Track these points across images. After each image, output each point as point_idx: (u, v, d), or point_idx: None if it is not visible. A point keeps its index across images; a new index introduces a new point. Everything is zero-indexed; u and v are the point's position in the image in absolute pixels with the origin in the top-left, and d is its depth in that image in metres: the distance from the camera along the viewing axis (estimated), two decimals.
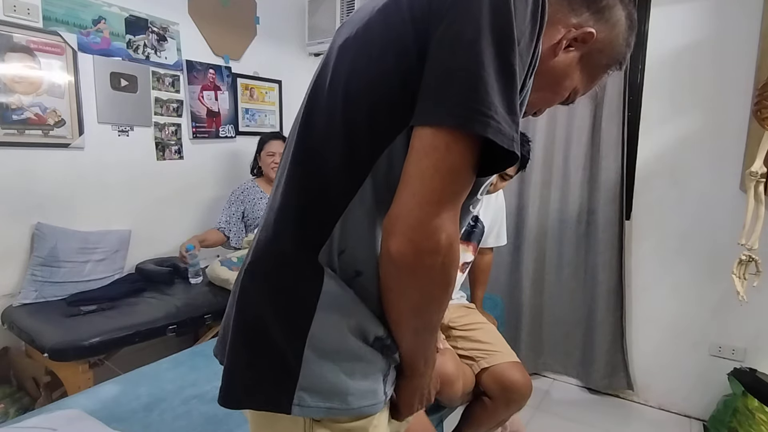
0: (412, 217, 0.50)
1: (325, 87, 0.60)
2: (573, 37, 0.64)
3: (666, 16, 2.04)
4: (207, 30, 2.62)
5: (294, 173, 0.61)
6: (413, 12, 0.54)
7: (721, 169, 1.98)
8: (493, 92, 0.49)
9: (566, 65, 0.66)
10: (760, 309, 1.92)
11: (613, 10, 0.66)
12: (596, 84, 0.72)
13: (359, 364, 0.60)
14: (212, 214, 2.74)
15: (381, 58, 0.56)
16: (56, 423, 1.04)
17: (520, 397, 1.39)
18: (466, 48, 0.49)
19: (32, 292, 1.96)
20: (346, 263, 0.58)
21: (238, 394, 0.61)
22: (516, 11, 0.50)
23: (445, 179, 0.49)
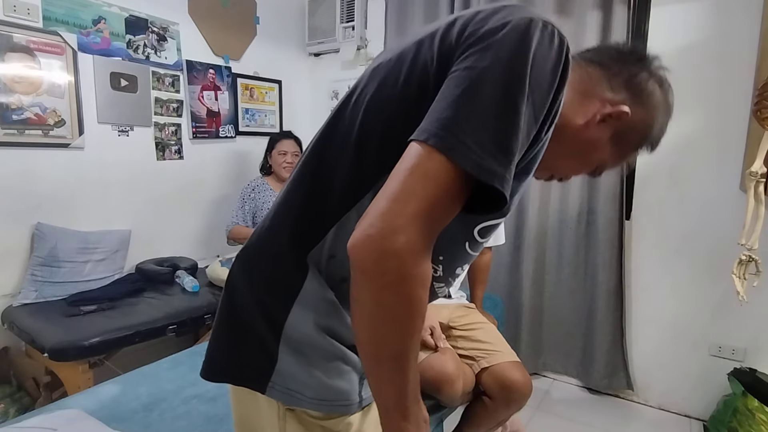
0: (376, 212, 0.48)
1: (350, 103, 0.62)
2: (608, 113, 0.65)
3: (666, 16, 2.04)
4: (207, 30, 2.62)
5: (303, 175, 0.64)
6: (442, 46, 0.55)
7: (721, 169, 1.98)
8: (485, 129, 0.48)
9: (597, 138, 0.67)
10: (760, 309, 1.91)
11: (653, 96, 0.69)
12: (624, 161, 0.74)
13: (334, 362, 0.62)
14: (212, 213, 2.74)
15: (405, 84, 0.57)
16: (56, 423, 1.04)
17: (521, 397, 1.39)
18: (473, 82, 0.50)
19: (32, 292, 1.96)
20: (335, 269, 0.61)
21: (220, 369, 0.66)
22: (534, 62, 0.50)
23: (420, 182, 0.48)
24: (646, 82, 0.68)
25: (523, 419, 1.87)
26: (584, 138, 0.67)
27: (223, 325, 0.67)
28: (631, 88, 0.67)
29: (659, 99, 0.70)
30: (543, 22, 0.53)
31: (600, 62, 0.68)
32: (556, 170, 0.73)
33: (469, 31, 0.54)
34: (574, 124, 0.65)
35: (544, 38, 0.52)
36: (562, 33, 0.54)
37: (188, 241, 2.62)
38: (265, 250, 0.65)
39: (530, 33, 0.51)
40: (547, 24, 0.53)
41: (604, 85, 0.67)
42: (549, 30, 0.53)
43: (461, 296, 1.75)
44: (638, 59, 0.69)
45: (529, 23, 0.51)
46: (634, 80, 0.67)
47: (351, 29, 2.92)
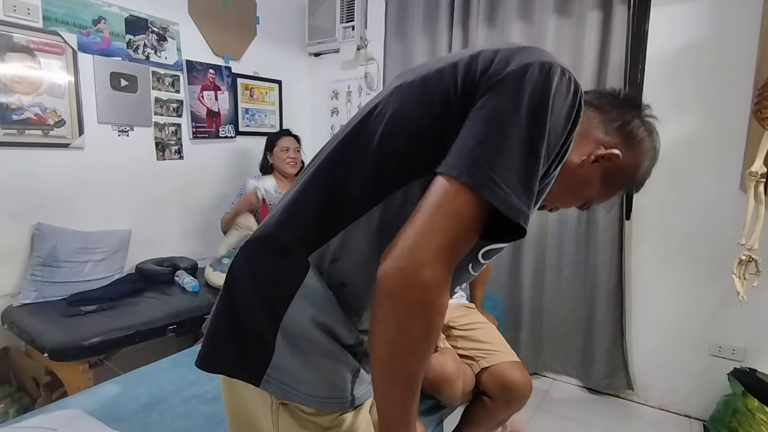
0: (405, 245, 0.52)
1: (372, 116, 0.66)
2: (601, 154, 0.72)
3: (666, 16, 2.04)
4: (207, 30, 2.62)
5: (320, 177, 0.66)
6: (465, 77, 0.60)
7: (721, 169, 1.98)
8: (512, 168, 0.53)
9: (589, 176, 0.74)
10: (760, 309, 1.91)
11: (642, 142, 0.75)
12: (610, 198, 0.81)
13: (328, 359, 0.64)
14: (212, 213, 2.74)
15: (427, 107, 0.61)
16: (56, 423, 1.04)
17: (521, 397, 1.39)
18: (500, 123, 0.54)
19: (32, 292, 1.96)
20: (336, 272, 0.64)
21: (216, 360, 0.67)
22: (553, 106, 0.56)
23: (445, 219, 0.52)
24: (637, 129, 0.75)
25: (523, 419, 1.87)
26: (578, 175, 0.72)
27: (221, 317, 0.68)
28: (624, 134, 0.73)
29: (648, 145, 0.76)
30: (561, 68, 0.58)
31: (598, 106, 0.74)
32: (549, 202, 0.77)
33: (494, 69, 0.58)
34: (571, 161, 0.70)
35: (562, 85, 0.57)
36: (576, 79, 0.60)
37: (188, 241, 2.62)
38: (269, 244, 0.66)
39: (551, 79, 0.56)
40: (565, 71, 0.58)
41: (600, 129, 0.73)
42: (567, 77, 0.58)
43: (461, 296, 1.76)
44: (633, 106, 0.76)
45: (549, 69, 0.56)
46: (628, 127, 0.74)
47: (351, 29, 2.92)
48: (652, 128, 0.77)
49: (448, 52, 2.56)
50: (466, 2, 2.49)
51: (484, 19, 2.41)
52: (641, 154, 0.76)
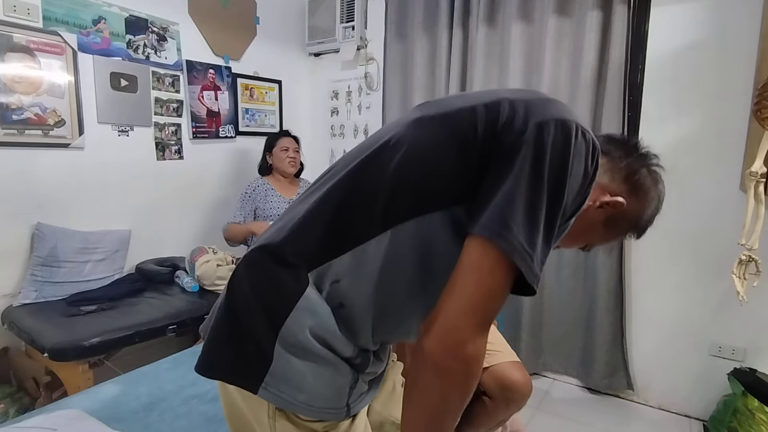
0: (448, 323, 0.57)
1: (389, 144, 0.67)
2: (606, 201, 0.74)
3: (666, 16, 2.04)
4: (207, 30, 2.62)
5: (332, 197, 0.67)
6: (486, 127, 0.62)
7: (721, 169, 1.98)
8: (539, 237, 0.58)
9: (593, 221, 0.76)
10: (760, 309, 1.91)
11: (649, 192, 0.77)
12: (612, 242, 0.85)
13: (326, 369, 0.64)
14: (212, 213, 2.75)
15: (445, 143, 0.64)
16: (56, 423, 1.04)
17: (521, 397, 1.39)
18: (526, 189, 0.57)
19: (32, 292, 1.96)
20: (336, 293, 0.64)
21: (215, 366, 0.68)
22: (572, 169, 0.59)
23: (484, 298, 0.57)
24: (644, 178, 0.77)
25: (523, 419, 1.87)
26: (582, 219, 0.72)
27: (221, 324, 0.68)
28: (630, 182, 0.76)
29: (652, 195, 0.78)
30: (577, 127, 0.60)
31: (607, 152, 0.76)
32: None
33: (514, 125, 0.60)
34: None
35: (581, 146, 0.60)
36: (593, 137, 0.63)
37: (188, 241, 2.62)
38: (272, 255, 0.66)
39: (569, 142, 0.59)
40: (582, 130, 0.61)
41: (608, 175, 0.75)
42: (584, 136, 0.61)
43: None
44: (641, 155, 0.78)
45: (568, 130, 0.59)
46: (634, 177, 0.76)
47: (351, 29, 2.92)
48: (658, 178, 0.79)
49: (448, 52, 2.56)
50: (466, 2, 2.49)
51: (484, 19, 2.41)
52: (646, 203, 0.77)
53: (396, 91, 2.81)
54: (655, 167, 0.79)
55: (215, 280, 2.22)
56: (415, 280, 0.65)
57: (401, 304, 0.67)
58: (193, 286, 2.23)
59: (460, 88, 2.55)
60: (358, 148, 0.73)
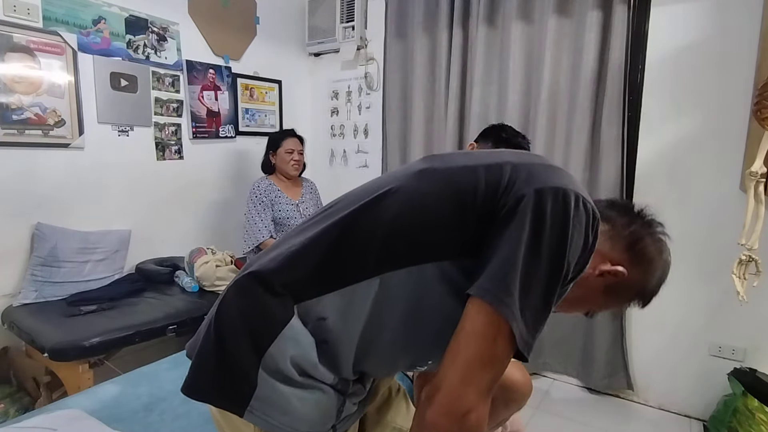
0: (451, 393, 0.57)
1: (391, 191, 0.69)
2: (606, 269, 0.72)
3: (666, 16, 2.04)
4: (207, 30, 2.62)
5: (330, 233, 0.68)
6: (486, 190, 0.63)
7: (721, 169, 1.97)
8: (536, 306, 0.58)
9: (593, 289, 0.74)
10: (760, 309, 1.91)
11: (652, 262, 0.75)
12: (614, 309, 0.82)
13: (312, 393, 0.66)
14: (212, 214, 2.75)
15: (444, 200, 0.65)
16: (56, 423, 1.04)
17: (521, 397, 1.39)
18: (526, 258, 0.57)
19: (32, 292, 1.96)
20: (321, 329, 0.65)
21: (201, 389, 0.68)
22: (572, 239, 0.59)
23: (487, 366, 0.57)
24: (647, 247, 0.75)
25: (523, 419, 1.87)
26: (579, 287, 0.70)
27: (207, 347, 0.69)
28: (633, 251, 0.74)
29: (657, 265, 0.76)
30: (576, 195, 0.61)
31: (609, 218, 0.75)
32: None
33: (513, 190, 0.61)
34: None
35: (580, 215, 0.60)
36: (592, 205, 0.63)
37: (188, 241, 2.62)
38: (262, 283, 0.67)
39: (569, 212, 0.59)
40: (581, 198, 0.61)
41: (609, 243, 0.73)
42: (587, 208, 0.61)
43: None
44: (644, 223, 0.77)
45: (566, 200, 0.59)
46: (637, 246, 0.74)
47: (351, 29, 2.92)
48: (663, 247, 0.78)
49: (448, 52, 2.56)
50: (466, 2, 2.49)
51: (484, 19, 2.41)
52: (649, 273, 0.76)
53: (396, 91, 2.81)
54: (660, 235, 0.78)
55: (215, 280, 2.22)
56: (403, 328, 0.66)
57: (386, 348, 0.68)
58: (192, 286, 2.23)
59: (460, 88, 2.55)
60: (362, 190, 0.74)
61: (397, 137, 2.83)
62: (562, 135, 2.28)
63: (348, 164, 3.18)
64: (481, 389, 0.57)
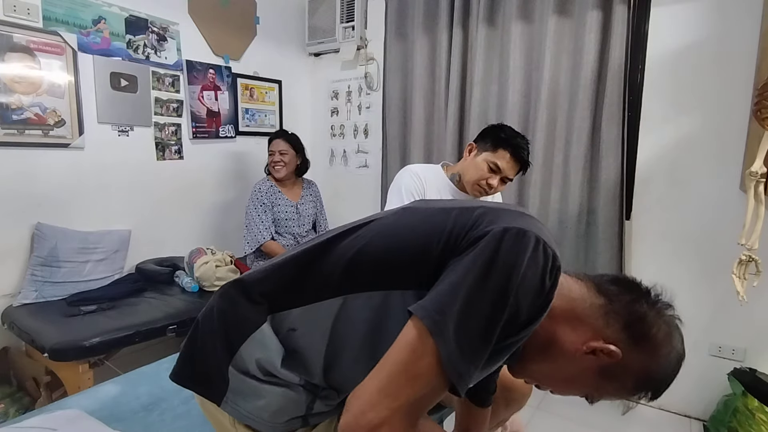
0: (365, 401, 0.55)
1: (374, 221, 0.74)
2: (596, 347, 0.65)
3: (666, 15, 2.04)
4: (207, 30, 2.62)
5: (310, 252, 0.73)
6: (452, 230, 0.64)
7: (721, 169, 1.98)
8: (473, 334, 0.56)
9: (584, 368, 0.67)
10: (760, 309, 1.91)
11: (658, 348, 0.66)
12: (620, 399, 0.74)
13: (278, 390, 0.71)
14: (212, 214, 2.75)
15: (413, 236, 0.67)
16: (56, 423, 1.04)
17: (521, 397, 1.39)
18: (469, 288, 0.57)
19: (32, 292, 1.96)
20: (291, 340, 0.70)
21: (186, 377, 0.77)
22: (524, 277, 0.57)
23: (408, 381, 0.56)
24: (651, 329, 0.66)
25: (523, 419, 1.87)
26: (569, 363, 0.68)
27: (194, 343, 0.77)
28: (632, 331, 0.66)
29: (665, 351, 0.67)
30: (537, 239, 0.59)
31: (607, 292, 0.69)
32: (542, 382, 0.74)
33: (481, 228, 0.61)
34: (562, 345, 0.67)
35: (538, 258, 0.58)
36: (554, 251, 0.60)
37: (188, 241, 2.62)
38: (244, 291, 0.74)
39: (527, 250, 0.58)
40: (541, 241, 0.59)
41: (602, 319, 0.67)
42: (547, 253, 0.59)
43: None
44: (651, 303, 0.69)
45: (528, 240, 0.58)
46: (638, 325, 0.66)
47: (351, 29, 2.92)
48: (672, 332, 0.68)
49: (448, 52, 2.56)
50: (466, 2, 2.49)
51: (484, 19, 2.41)
52: (654, 359, 0.67)
53: (396, 91, 2.81)
54: (670, 318, 0.69)
55: (215, 281, 2.22)
56: (366, 349, 0.67)
57: (350, 366, 0.70)
58: (192, 286, 2.23)
59: (460, 88, 2.55)
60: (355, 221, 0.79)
61: (397, 137, 2.83)
62: (562, 135, 2.28)
63: (348, 164, 3.18)
64: (398, 404, 0.55)
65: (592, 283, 0.71)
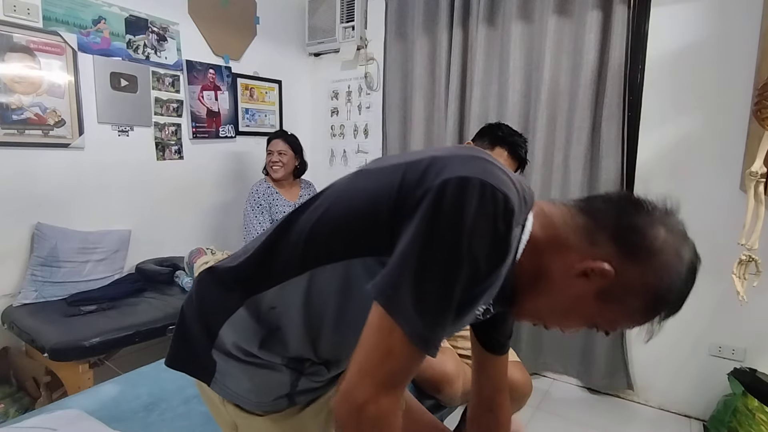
0: (350, 384, 0.57)
1: (329, 190, 0.72)
2: (585, 268, 0.60)
3: (666, 15, 2.04)
4: (207, 30, 2.62)
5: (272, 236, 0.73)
6: (401, 187, 0.61)
7: (721, 169, 1.98)
8: (431, 297, 0.55)
9: (580, 294, 0.62)
10: (760, 309, 1.91)
11: (658, 256, 0.59)
12: (633, 325, 0.65)
13: (260, 370, 0.73)
14: (212, 213, 2.75)
15: (365, 199, 0.65)
16: (56, 423, 1.04)
17: (521, 397, 1.39)
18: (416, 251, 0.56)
19: (32, 292, 1.96)
20: (273, 317, 0.71)
21: (180, 362, 0.80)
22: (474, 227, 0.54)
23: (383, 357, 0.56)
24: (646, 238, 0.60)
25: (523, 419, 1.87)
26: (563, 292, 0.64)
27: (180, 329, 0.80)
28: (622, 243, 0.60)
29: (667, 259, 0.59)
30: (493, 189, 0.55)
31: (592, 211, 0.64)
32: (544, 320, 0.70)
33: (425, 182, 0.58)
34: (553, 276, 0.64)
35: (486, 204, 0.55)
36: (504, 192, 0.56)
37: (188, 241, 2.62)
38: (219, 277, 0.76)
39: (471, 197, 0.55)
40: (497, 191, 0.55)
41: (586, 238, 0.62)
42: (497, 196, 0.55)
43: None
44: (645, 212, 0.62)
45: (473, 188, 0.55)
46: (628, 235, 0.60)
47: (351, 29, 2.92)
48: (672, 237, 0.61)
49: (448, 52, 2.56)
50: (466, 2, 2.49)
51: (484, 19, 2.41)
52: (657, 269, 0.59)
53: (396, 91, 2.82)
54: (671, 225, 0.62)
55: None
56: (342, 319, 0.68)
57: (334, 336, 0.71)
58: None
59: (460, 89, 2.55)
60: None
61: (397, 137, 2.83)
62: (562, 135, 2.28)
63: (348, 164, 3.18)
64: (378, 380, 0.56)
65: (577, 206, 0.66)
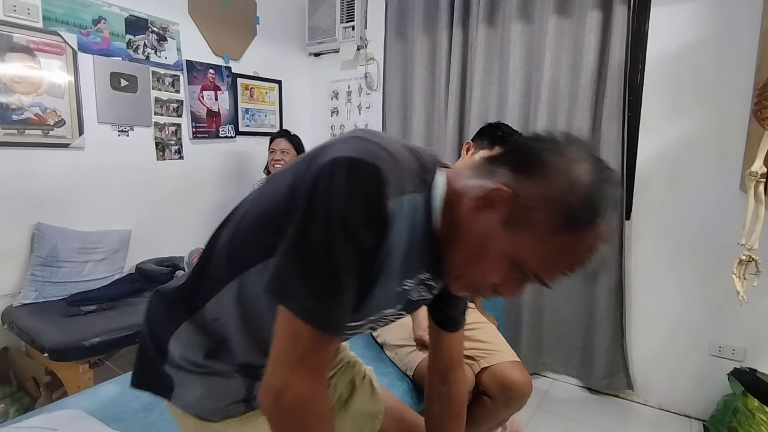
0: (267, 374, 0.59)
1: (246, 200, 0.75)
2: (477, 196, 0.59)
3: (666, 15, 2.04)
4: (207, 30, 2.62)
5: (204, 254, 0.75)
6: (294, 179, 0.62)
7: (721, 169, 1.98)
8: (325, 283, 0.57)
9: (484, 229, 0.60)
10: (760, 309, 1.91)
11: (556, 164, 0.57)
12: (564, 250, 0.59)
13: (213, 377, 0.75)
14: (212, 213, 2.74)
15: (273, 201, 0.65)
16: (56, 423, 1.04)
17: (521, 397, 1.39)
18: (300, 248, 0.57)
19: (32, 292, 1.96)
20: (217, 329, 0.73)
21: (142, 382, 0.82)
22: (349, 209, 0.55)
23: (292, 344, 0.58)
24: (536, 155, 0.58)
25: (523, 419, 1.87)
26: (473, 233, 0.61)
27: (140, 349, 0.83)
28: (516, 166, 0.59)
29: (565, 164, 0.57)
30: (358, 161, 0.56)
31: (490, 157, 0.64)
32: (471, 280, 0.66)
33: (308, 174, 0.59)
34: (462, 223, 0.62)
35: (353, 179, 0.55)
36: (373, 163, 0.56)
37: (188, 241, 2.62)
38: (164, 296, 0.80)
39: (341, 177, 0.55)
40: (366, 162, 0.56)
41: (483, 177, 0.61)
42: (366, 167, 0.55)
43: None
44: (533, 140, 0.62)
45: (341, 168, 0.56)
46: (521, 158, 0.59)
47: (351, 29, 2.92)
48: (565, 148, 0.59)
49: (448, 52, 2.56)
50: (466, 2, 2.49)
51: (484, 19, 2.41)
52: (557, 178, 0.56)
53: (396, 91, 2.82)
54: (569, 146, 0.59)
55: None
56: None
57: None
58: None
59: (460, 89, 2.55)
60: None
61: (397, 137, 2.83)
62: None
63: None
64: (291, 366, 0.57)
65: (483, 160, 0.65)
